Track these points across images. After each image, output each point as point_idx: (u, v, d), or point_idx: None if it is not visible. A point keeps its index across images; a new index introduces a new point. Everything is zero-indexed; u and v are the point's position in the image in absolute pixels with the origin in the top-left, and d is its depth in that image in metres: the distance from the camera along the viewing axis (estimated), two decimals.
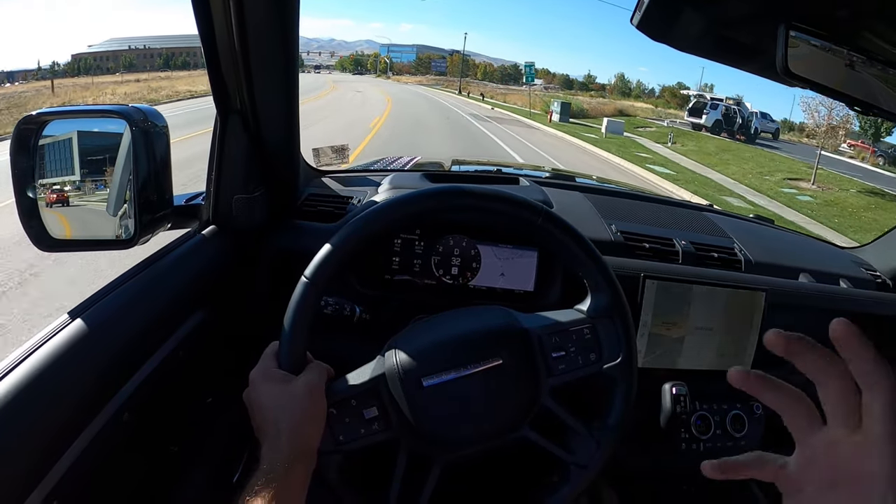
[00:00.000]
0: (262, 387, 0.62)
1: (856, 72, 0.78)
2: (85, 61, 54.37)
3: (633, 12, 0.85)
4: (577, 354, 0.69)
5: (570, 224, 0.71)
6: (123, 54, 62.68)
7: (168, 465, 0.79)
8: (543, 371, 0.68)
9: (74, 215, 0.77)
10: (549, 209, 0.71)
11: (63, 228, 0.76)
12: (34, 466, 0.53)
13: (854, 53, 0.77)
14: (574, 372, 0.69)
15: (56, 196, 0.74)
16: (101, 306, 0.67)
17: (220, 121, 0.83)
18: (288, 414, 0.59)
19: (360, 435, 0.65)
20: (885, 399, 0.35)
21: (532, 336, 0.69)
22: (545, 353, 0.69)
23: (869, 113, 0.82)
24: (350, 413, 0.65)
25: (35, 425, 0.54)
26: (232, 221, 0.88)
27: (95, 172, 0.76)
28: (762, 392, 0.43)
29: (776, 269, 1.10)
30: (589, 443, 0.69)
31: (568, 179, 1.40)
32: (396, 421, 0.65)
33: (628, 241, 1.05)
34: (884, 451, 0.35)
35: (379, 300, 0.92)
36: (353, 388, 0.66)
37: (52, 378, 0.56)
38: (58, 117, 0.73)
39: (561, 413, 0.69)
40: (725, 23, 0.84)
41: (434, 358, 0.66)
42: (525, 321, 0.71)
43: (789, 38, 0.73)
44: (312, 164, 1.16)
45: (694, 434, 0.95)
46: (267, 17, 0.74)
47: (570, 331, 0.70)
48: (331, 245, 0.65)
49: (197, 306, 0.83)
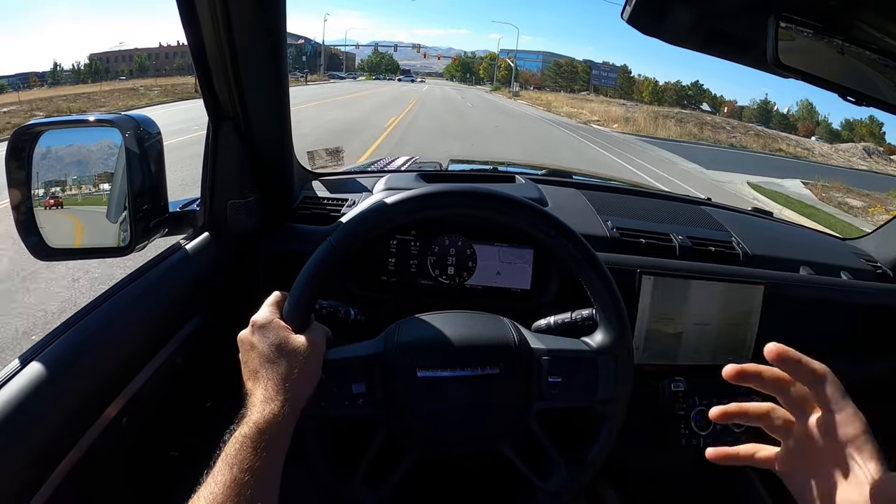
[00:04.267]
0: (264, 333, 0.61)
1: (848, 62, 0.78)
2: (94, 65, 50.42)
3: (623, 7, 0.85)
4: (573, 384, 0.69)
5: (595, 255, 0.69)
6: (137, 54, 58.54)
7: (167, 470, 0.79)
8: (535, 393, 0.69)
9: (72, 223, 0.78)
10: (581, 240, 0.70)
11: (60, 237, 0.76)
12: (33, 472, 0.54)
13: (846, 44, 0.77)
14: (566, 400, 0.69)
15: (53, 202, 0.75)
16: (99, 313, 0.68)
17: (213, 128, 0.84)
18: (286, 365, 0.59)
19: (343, 406, 0.65)
20: (831, 382, 0.46)
21: (534, 356, 0.69)
22: (542, 375, 0.68)
23: (862, 103, 0.82)
24: (339, 382, 0.65)
25: (33, 432, 0.55)
26: (227, 226, 0.89)
27: (90, 181, 0.77)
28: (759, 382, 0.50)
29: (775, 261, 1.09)
30: (562, 473, 0.69)
31: (564, 176, 1.40)
32: (382, 401, 0.66)
33: (624, 236, 1.05)
34: (846, 420, 0.44)
35: (375, 302, 0.92)
36: (347, 360, 0.66)
37: (50, 385, 0.57)
38: (52, 127, 0.74)
39: (543, 438, 0.69)
40: (715, 15, 0.84)
41: (435, 352, 0.67)
42: (532, 340, 0.71)
43: (779, 30, 0.73)
44: (308, 167, 1.16)
45: (694, 430, 0.94)
46: (254, 24, 0.74)
47: (572, 359, 0.69)
48: (362, 215, 0.66)
49: (194, 311, 0.83)
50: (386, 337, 0.69)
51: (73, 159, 0.76)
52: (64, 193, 0.76)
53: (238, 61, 0.76)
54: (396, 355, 0.67)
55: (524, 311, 0.83)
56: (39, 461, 0.55)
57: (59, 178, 0.75)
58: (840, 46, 0.76)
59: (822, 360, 1.09)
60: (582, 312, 0.75)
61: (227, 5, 0.70)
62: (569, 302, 0.77)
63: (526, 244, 0.98)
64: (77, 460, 0.58)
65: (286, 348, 0.60)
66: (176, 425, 0.82)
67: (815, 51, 0.76)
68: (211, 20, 0.71)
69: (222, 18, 0.71)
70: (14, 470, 0.52)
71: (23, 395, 0.54)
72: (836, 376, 0.47)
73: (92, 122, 0.76)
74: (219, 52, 0.75)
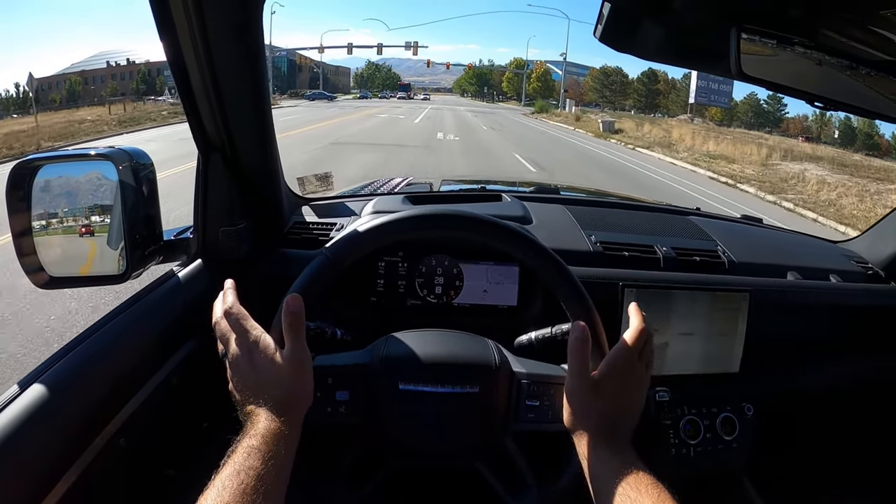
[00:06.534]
0: (257, 350, 0.62)
1: (814, 69, 0.79)
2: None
3: (595, 26, 0.88)
4: (549, 410, 0.71)
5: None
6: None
7: (165, 489, 0.81)
8: (513, 414, 0.71)
9: (88, 249, 0.81)
10: (555, 258, 0.71)
11: (62, 265, 0.80)
12: (32, 492, 0.56)
13: (811, 51, 0.78)
14: (541, 424, 0.71)
15: (85, 230, 0.79)
16: (97, 338, 0.71)
17: (202, 158, 0.87)
18: (283, 381, 0.61)
19: (326, 413, 0.67)
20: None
21: (514, 379, 0.71)
22: (520, 398, 0.71)
23: (831, 108, 0.83)
24: (323, 389, 0.67)
25: (32, 454, 0.56)
26: (219, 253, 0.92)
27: (86, 212, 0.80)
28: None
29: (762, 268, 1.09)
30: (534, 496, 0.70)
31: (551, 193, 1.42)
32: (364, 410, 0.68)
33: (608, 250, 1.06)
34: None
35: (362, 322, 0.94)
36: (334, 367, 0.69)
37: (49, 408, 0.59)
38: (49, 162, 0.77)
39: (518, 459, 0.71)
40: (683, 29, 0.86)
41: (418, 367, 0.69)
42: (514, 363, 0.73)
43: (742, 41, 0.74)
44: (298, 193, 1.20)
45: (683, 439, 0.94)
46: (234, 59, 0.77)
47: (551, 384, 0.71)
48: (357, 231, 0.69)
49: (189, 335, 0.86)
50: (373, 349, 0.72)
51: (71, 191, 0.80)
52: (62, 224, 0.80)
53: (221, 95, 0.79)
54: (381, 367, 0.69)
55: (510, 326, 0.85)
56: (38, 482, 0.56)
57: (58, 210, 0.79)
58: (804, 54, 0.77)
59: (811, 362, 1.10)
60: (562, 327, 0.77)
61: (209, 44, 0.73)
62: (554, 316, 0.79)
63: (512, 262, 1.00)
64: (75, 480, 0.60)
65: (280, 364, 0.61)
66: (173, 445, 0.84)
67: (779, 60, 0.77)
68: (195, 57, 0.75)
69: (203, 50, 0.74)
70: (13, 491, 0.54)
71: (21, 419, 0.56)
72: (827, 377, 0.53)
73: (87, 157, 0.80)
74: (203, 86, 0.78)
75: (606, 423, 0.64)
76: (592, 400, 0.64)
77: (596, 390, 0.64)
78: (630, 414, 0.66)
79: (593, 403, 0.64)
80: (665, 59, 0.95)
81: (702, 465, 0.95)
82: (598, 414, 0.64)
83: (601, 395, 0.64)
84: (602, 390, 0.64)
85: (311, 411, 0.64)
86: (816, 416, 1.15)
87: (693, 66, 0.96)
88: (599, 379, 0.64)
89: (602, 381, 0.64)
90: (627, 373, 0.65)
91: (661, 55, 0.93)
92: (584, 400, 0.65)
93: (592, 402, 0.64)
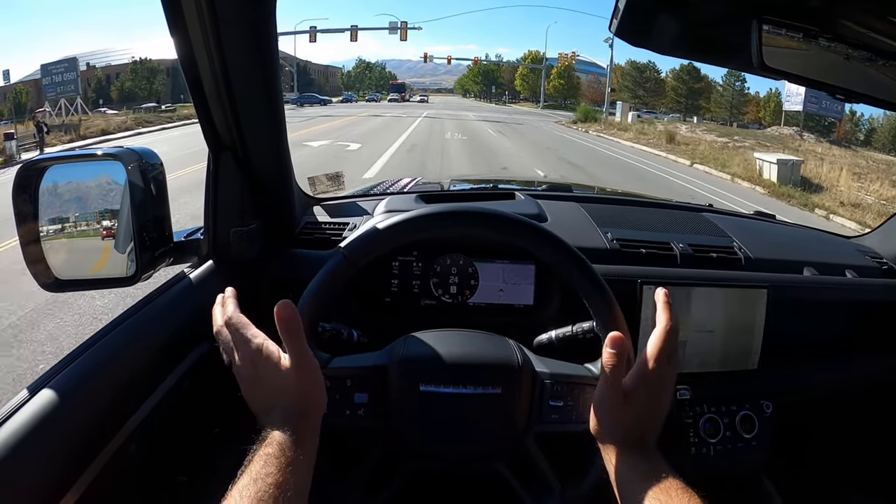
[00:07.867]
0: (268, 357, 0.61)
1: (835, 60, 0.78)
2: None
3: (610, 20, 0.87)
4: (574, 410, 0.69)
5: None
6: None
7: (177, 495, 0.79)
8: (536, 415, 0.69)
9: (80, 254, 0.80)
10: (578, 254, 0.71)
11: (71, 268, 0.78)
12: (43, 500, 0.54)
13: (832, 42, 0.77)
14: (564, 425, 0.69)
15: (106, 232, 0.78)
16: (106, 342, 0.69)
17: (213, 158, 0.86)
18: (297, 386, 0.60)
19: (345, 416, 0.66)
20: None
21: (537, 379, 0.70)
22: (544, 398, 0.69)
23: (853, 100, 0.82)
24: (341, 391, 0.65)
25: (43, 460, 0.55)
26: (230, 254, 0.90)
27: (95, 214, 0.79)
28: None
29: (778, 264, 1.08)
30: (556, 498, 0.68)
31: (564, 190, 1.41)
32: (383, 413, 0.66)
33: (624, 247, 1.05)
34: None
35: (378, 323, 0.92)
36: (353, 369, 0.67)
37: (59, 413, 0.58)
38: (57, 163, 0.76)
39: (540, 461, 0.69)
40: (700, 23, 0.85)
41: (439, 368, 0.68)
42: (536, 363, 0.71)
43: (763, 33, 0.73)
44: (309, 193, 1.18)
45: (703, 438, 0.93)
46: (246, 56, 0.76)
47: (575, 384, 0.70)
48: (375, 228, 0.68)
49: (200, 339, 0.84)
50: (392, 350, 0.70)
51: (79, 193, 0.78)
52: (71, 226, 0.78)
53: (233, 93, 0.78)
54: (401, 368, 0.67)
55: (528, 326, 0.84)
56: (49, 489, 0.55)
57: (66, 211, 0.77)
58: (826, 46, 0.76)
59: (828, 358, 1.08)
60: (583, 325, 0.75)
61: (221, 41, 0.72)
62: (572, 314, 0.77)
63: (528, 260, 0.99)
64: (87, 487, 0.59)
65: (285, 371, 0.60)
66: (184, 451, 0.82)
67: (801, 51, 0.76)
68: (206, 55, 0.73)
69: (215, 49, 0.73)
70: (24, 500, 0.53)
71: (31, 425, 0.55)
72: (844, 374, 0.52)
73: (95, 157, 0.78)
74: (214, 84, 0.77)
75: (635, 432, 0.62)
76: (623, 412, 0.62)
77: (627, 402, 0.62)
78: (658, 419, 0.64)
79: (624, 416, 0.62)
80: (680, 54, 0.93)
81: (721, 465, 0.94)
82: (627, 425, 0.62)
83: (632, 406, 0.62)
84: (633, 402, 0.62)
85: (330, 415, 0.63)
86: (834, 413, 1.14)
87: (709, 60, 0.94)
88: (630, 390, 0.63)
89: (633, 392, 0.62)
90: (658, 382, 0.63)
91: (677, 49, 0.92)
92: (614, 412, 0.63)
93: (622, 415, 0.62)
